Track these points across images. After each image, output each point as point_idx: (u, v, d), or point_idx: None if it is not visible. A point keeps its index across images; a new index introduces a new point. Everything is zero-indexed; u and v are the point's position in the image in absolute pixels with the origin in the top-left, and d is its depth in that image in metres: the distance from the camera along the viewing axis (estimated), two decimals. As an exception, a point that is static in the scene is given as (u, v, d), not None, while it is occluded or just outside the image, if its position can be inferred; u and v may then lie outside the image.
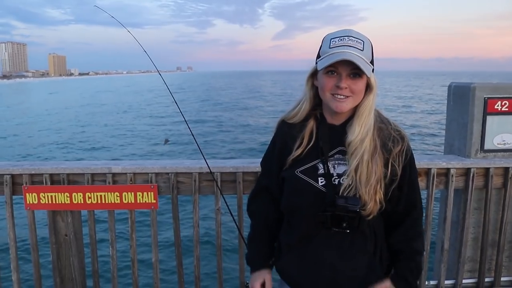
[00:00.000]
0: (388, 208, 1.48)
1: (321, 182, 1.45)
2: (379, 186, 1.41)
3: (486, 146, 2.54)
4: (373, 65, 1.41)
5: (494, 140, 2.54)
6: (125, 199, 2.34)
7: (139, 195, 2.34)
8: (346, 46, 1.35)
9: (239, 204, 2.40)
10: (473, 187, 2.51)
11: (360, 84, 1.40)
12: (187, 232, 2.69)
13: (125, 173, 2.34)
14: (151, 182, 2.35)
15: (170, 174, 2.35)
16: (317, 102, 1.53)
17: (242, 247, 2.42)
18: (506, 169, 2.52)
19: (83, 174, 2.35)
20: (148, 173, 2.35)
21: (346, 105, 1.41)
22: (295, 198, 1.50)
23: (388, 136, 1.46)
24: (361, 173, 1.40)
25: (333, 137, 1.48)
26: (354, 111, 1.46)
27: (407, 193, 1.52)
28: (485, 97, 2.47)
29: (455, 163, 2.47)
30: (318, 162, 1.47)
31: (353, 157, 1.41)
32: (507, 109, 2.50)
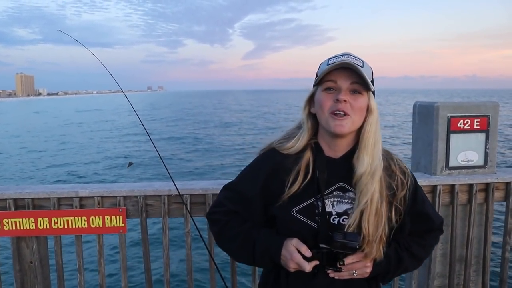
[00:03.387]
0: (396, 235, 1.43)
1: (320, 221, 1.34)
2: (384, 233, 1.32)
3: (451, 164, 2.61)
4: (373, 87, 1.33)
5: (458, 157, 2.61)
6: (93, 223, 2.30)
7: (107, 219, 2.30)
8: (345, 58, 1.29)
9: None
10: (440, 204, 2.56)
11: (361, 101, 1.30)
12: (157, 254, 2.65)
13: (93, 197, 2.30)
14: (119, 205, 2.32)
15: (138, 197, 2.32)
16: (314, 132, 1.43)
17: (213, 269, 2.40)
18: (471, 186, 2.59)
19: (49, 198, 2.30)
20: (116, 196, 2.31)
21: (346, 125, 1.29)
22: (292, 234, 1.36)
23: (392, 175, 1.37)
24: (369, 217, 1.28)
25: (331, 171, 1.36)
26: (357, 141, 1.36)
27: (415, 222, 1.45)
28: (448, 116, 2.55)
29: (421, 181, 2.52)
30: (316, 200, 1.34)
31: (362, 196, 1.29)
32: (469, 127, 2.58)
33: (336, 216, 1.34)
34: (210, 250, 2.23)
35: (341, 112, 1.27)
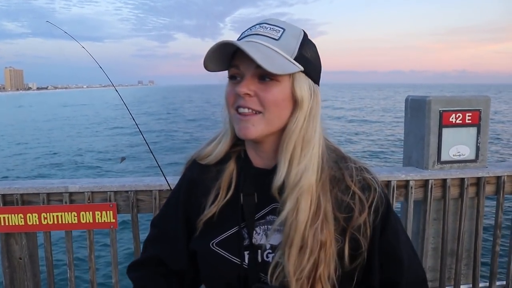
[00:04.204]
0: None
1: (248, 258, 0.96)
2: (324, 273, 0.89)
3: (443, 158, 2.61)
4: (306, 66, 0.90)
5: (450, 152, 2.61)
6: (83, 219, 2.27)
7: (98, 214, 2.27)
8: (252, 35, 0.90)
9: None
10: (432, 198, 2.57)
11: (275, 91, 0.88)
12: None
13: (83, 192, 2.27)
14: (109, 200, 2.29)
15: (129, 192, 2.30)
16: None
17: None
18: (462, 180, 2.59)
19: (38, 194, 2.27)
20: (106, 191, 2.29)
21: (252, 127, 0.89)
22: (212, 282, 1.02)
23: (344, 190, 0.94)
24: (289, 249, 0.88)
25: (262, 188, 0.96)
26: None
27: (383, 266, 0.99)
28: (440, 110, 2.55)
29: (413, 175, 2.53)
30: (239, 228, 0.97)
31: (279, 218, 0.90)
32: (461, 122, 2.59)
33: (269, 251, 0.95)
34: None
35: (245, 109, 0.89)
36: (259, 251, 0.95)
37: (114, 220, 2.29)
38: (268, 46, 0.87)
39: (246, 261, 0.95)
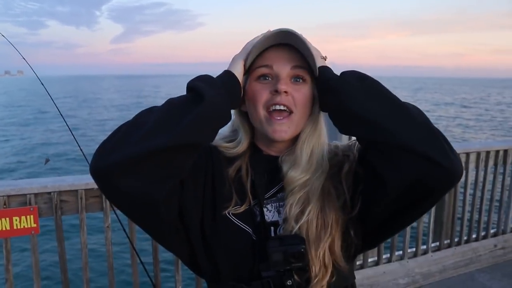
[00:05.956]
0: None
1: (258, 233, 0.99)
2: (333, 245, 0.95)
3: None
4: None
5: None
6: (-1, 226, 2.07)
7: (16, 220, 2.09)
8: (285, 32, 0.93)
9: (131, 219, 2.31)
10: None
11: (305, 92, 0.96)
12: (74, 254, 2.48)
13: (-3, 197, 2.07)
14: (30, 204, 2.12)
15: (52, 194, 2.15)
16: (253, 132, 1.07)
17: (135, 263, 2.33)
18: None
19: None
20: (25, 194, 2.11)
21: (288, 129, 0.95)
22: (227, 251, 0.98)
23: (335, 157, 1.01)
24: (307, 227, 0.94)
25: (271, 170, 1.01)
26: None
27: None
28: None
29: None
30: (253, 205, 1.00)
31: (292, 200, 0.96)
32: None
33: (283, 225, 0.99)
34: (132, 241, 2.16)
35: (282, 107, 0.93)
36: (272, 227, 1.00)
37: (35, 225, 2.13)
38: (305, 43, 0.93)
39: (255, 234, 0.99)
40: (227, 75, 0.93)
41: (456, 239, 3.46)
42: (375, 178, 0.85)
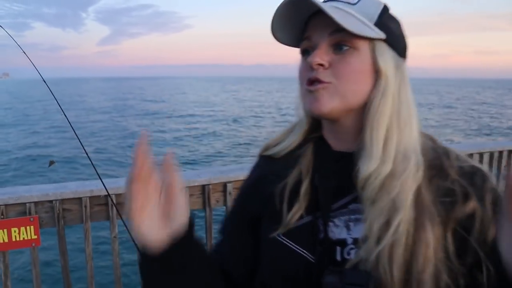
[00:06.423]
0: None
1: (318, 253, 0.78)
2: (435, 279, 0.68)
3: None
4: (389, 35, 0.75)
5: None
6: (-5, 239, 1.88)
7: (15, 231, 1.90)
8: (324, 3, 0.75)
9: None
10: None
11: (353, 62, 0.74)
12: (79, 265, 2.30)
13: (-7, 206, 1.88)
14: (29, 213, 1.93)
15: (54, 202, 1.97)
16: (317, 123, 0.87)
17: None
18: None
19: None
20: (25, 203, 1.92)
21: (323, 99, 0.74)
22: (275, 275, 0.81)
23: (445, 178, 0.74)
24: (391, 249, 0.69)
25: (342, 173, 0.78)
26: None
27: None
28: None
29: None
30: (317, 218, 0.79)
31: (372, 213, 0.71)
32: None
33: (352, 246, 0.75)
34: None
35: (314, 81, 0.75)
36: (338, 247, 0.75)
37: (36, 237, 1.94)
38: (344, 8, 0.73)
39: (314, 255, 0.77)
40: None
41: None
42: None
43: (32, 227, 1.93)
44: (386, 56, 0.75)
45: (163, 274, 0.69)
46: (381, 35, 0.74)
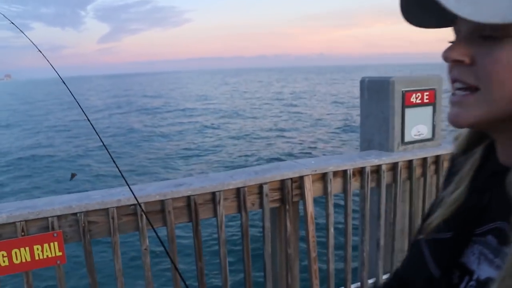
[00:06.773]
0: None
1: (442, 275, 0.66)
2: None
3: (406, 139, 2.57)
4: None
5: (412, 132, 2.59)
6: (16, 259, 1.69)
7: (38, 249, 1.71)
8: None
9: (171, 237, 1.95)
10: (401, 181, 2.52)
11: (500, 56, 0.49)
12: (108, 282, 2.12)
13: (13, 222, 1.69)
14: (52, 228, 1.74)
15: (78, 215, 1.78)
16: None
17: (178, 284, 1.98)
18: (425, 159, 2.59)
19: None
20: (47, 217, 1.73)
21: (462, 112, 0.55)
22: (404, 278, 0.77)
23: None
24: None
25: (495, 193, 0.60)
26: None
27: None
28: (402, 91, 2.50)
29: (385, 159, 2.44)
30: (457, 237, 0.64)
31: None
32: (420, 101, 2.57)
33: (474, 283, 0.60)
34: (174, 261, 1.81)
35: (458, 84, 0.56)
36: (467, 277, 0.62)
37: (61, 253, 1.76)
38: None
39: (437, 269, 0.65)
40: None
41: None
42: None
43: (56, 243, 1.75)
44: None
45: None
46: None
